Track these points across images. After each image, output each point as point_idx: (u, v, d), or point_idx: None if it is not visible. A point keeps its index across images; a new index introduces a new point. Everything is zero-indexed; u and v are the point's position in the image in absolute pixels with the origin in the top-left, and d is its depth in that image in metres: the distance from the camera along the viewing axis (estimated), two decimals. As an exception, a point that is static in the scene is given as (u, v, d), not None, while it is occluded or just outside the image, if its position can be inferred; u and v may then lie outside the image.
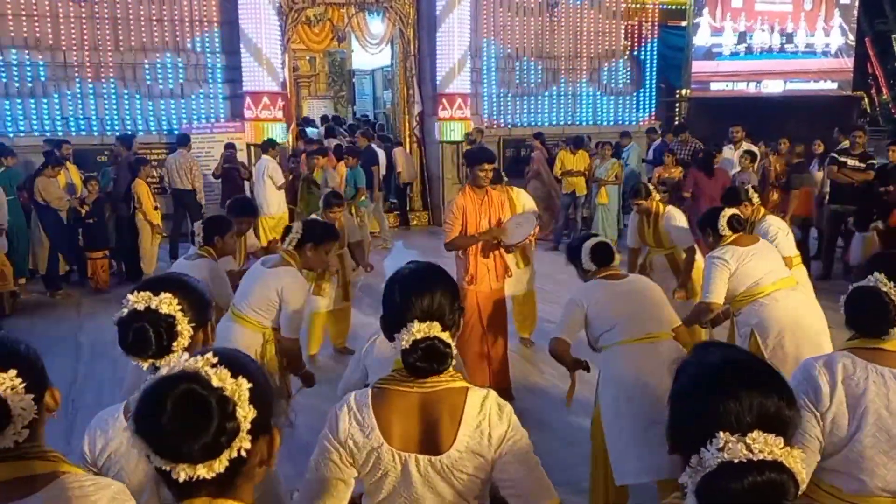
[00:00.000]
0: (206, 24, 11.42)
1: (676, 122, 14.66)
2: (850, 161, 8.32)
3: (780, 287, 3.91)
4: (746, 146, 9.70)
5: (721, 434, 1.16)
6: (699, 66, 16.34)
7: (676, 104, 17.07)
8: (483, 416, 1.77)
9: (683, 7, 16.20)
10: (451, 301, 1.84)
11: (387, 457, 1.77)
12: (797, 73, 17.01)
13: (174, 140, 10.69)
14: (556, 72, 13.45)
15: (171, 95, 11.38)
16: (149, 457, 1.07)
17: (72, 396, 5.33)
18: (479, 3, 12.60)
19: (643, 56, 14.41)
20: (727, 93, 16.72)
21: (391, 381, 1.82)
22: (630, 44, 14.19)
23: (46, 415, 1.49)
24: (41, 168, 8.22)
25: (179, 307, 1.82)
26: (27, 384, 1.41)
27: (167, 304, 1.81)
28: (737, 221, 4.04)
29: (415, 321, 1.75)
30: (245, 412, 1.09)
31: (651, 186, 5.90)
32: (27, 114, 10.75)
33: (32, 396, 1.42)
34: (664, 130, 13.14)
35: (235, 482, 1.12)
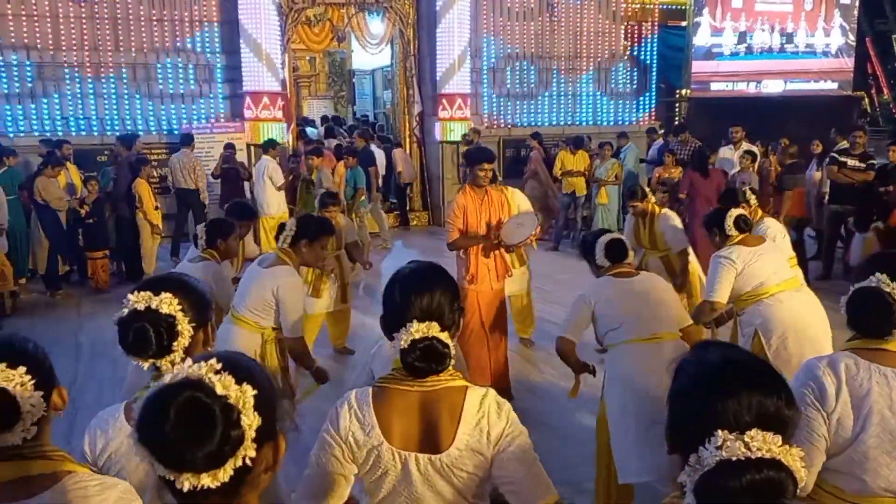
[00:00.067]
0: (207, 24, 11.42)
1: (676, 122, 14.64)
2: (851, 161, 8.32)
3: (785, 288, 3.92)
4: (746, 146, 9.69)
5: (719, 432, 1.16)
6: (699, 66, 16.33)
7: (676, 104, 17.06)
8: (482, 414, 1.78)
9: (683, 7, 16.19)
10: (451, 301, 1.84)
11: (387, 455, 1.77)
12: (797, 73, 17.00)
13: (175, 140, 10.71)
14: (556, 72, 13.45)
15: (171, 95, 11.38)
16: (152, 465, 1.05)
17: (72, 396, 5.20)
18: (479, 3, 12.60)
19: (643, 56, 14.41)
20: (727, 93, 16.71)
21: (391, 380, 1.82)
22: (630, 44, 14.18)
23: (53, 413, 1.50)
24: (41, 168, 8.23)
25: (180, 307, 1.82)
26: (36, 382, 1.43)
27: (167, 304, 1.81)
28: (743, 222, 4.05)
29: (413, 321, 1.76)
30: (250, 420, 1.07)
31: (647, 188, 5.91)
32: (27, 114, 10.75)
33: (41, 394, 1.43)
34: (666, 131, 13.15)
35: (240, 491, 1.10)
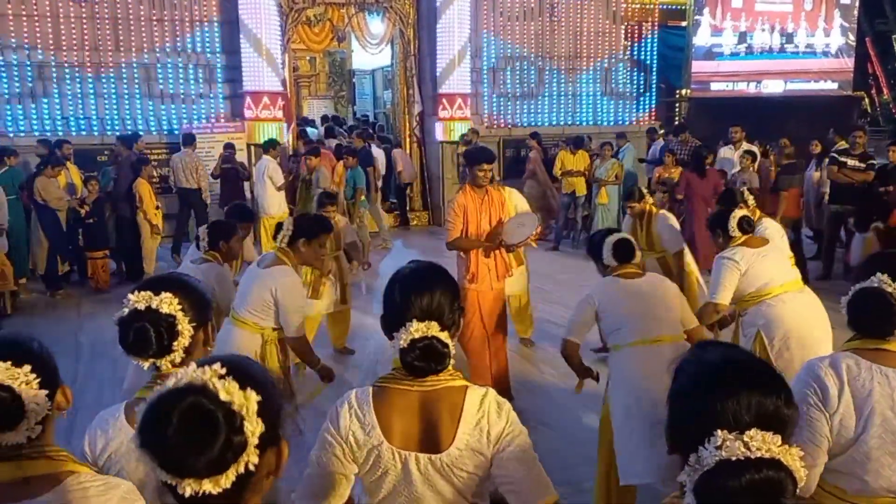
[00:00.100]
0: (207, 24, 11.42)
1: (676, 122, 14.66)
2: (851, 161, 8.32)
3: (788, 289, 3.93)
4: (746, 146, 9.70)
5: (719, 432, 1.16)
6: (699, 66, 16.34)
7: (676, 104, 17.07)
8: (482, 414, 1.78)
9: (683, 7, 16.20)
10: (451, 301, 1.84)
11: (387, 455, 1.77)
12: (797, 74, 17.01)
13: (174, 140, 10.71)
14: (556, 72, 13.45)
15: (172, 95, 11.38)
16: (154, 470, 1.05)
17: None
18: (479, 3, 12.60)
19: (643, 56, 14.41)
20: (727, 93, 16.71)
21: (391, 380, 1.82)
22: (630, 44, 14.18)
23: (56, 413, 1.50)
24: (41, 167, 8.23)
25: (180, 307, 1.82)
26: (40, 381, 1.43)
27: (168, 304, 1.81)
28: (747, 223, 4.06)
29: (413, 320, 1.76)
30: (253, 427, 1.06)
31: (645, 189, 5.91)
32: (27, 114, 10.75)
33: (46, 393, 1.43)
34: (666, 131, 13.14)
35: (243, 496, 1.10)
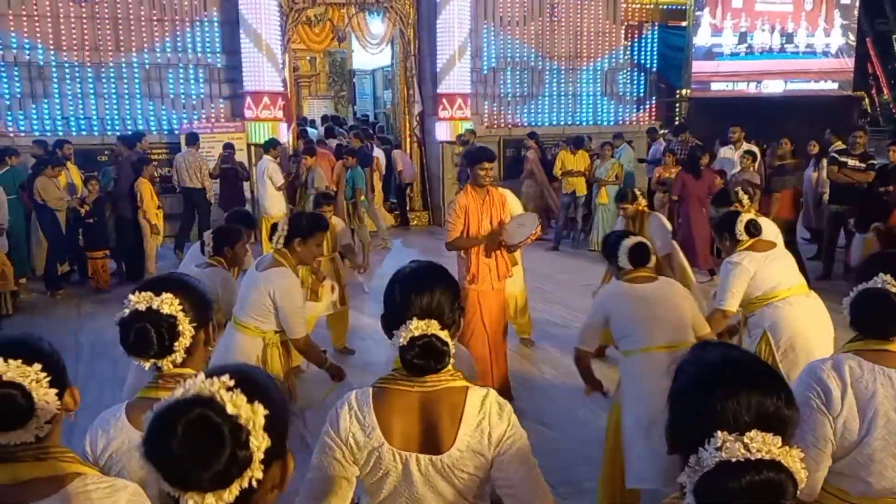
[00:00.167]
0: (207, 24, 11.42)
1: (676, 122, 14.65)
2: (851, 161, 8.31)
3: (796, 292, 3.94)
4: (746, 146, 9.70)
5: (719, 433, 1.16)
6: (699, 66, 16.32)
7: (676, 104, 17.05)
8: (483, 415, 1.77)
9: (683, 7, 16.18)
10: (452, 300, 1.84)
11: (387, 456, 1.77)
12: (798, 74, 16.99)
13: (175, 140, 10.71)
14: (556, 72, 13.45)
15: (172, 95, 11.38)
16: (158, 482, 1.04)
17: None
18: (479, 2, 12.59)
19: (643, 56, 14.40)
20: (727, 93, 16.70)
21: (391, 381, 1.82)
22: (630, 44, 14.18)
23: (64, 414, 1.50)
24: (41, 167, 8.23)
25: (181, 307, 1.82)
26: (50, 380, 1.43)
27: (169, 305, 1.81)
28: (754, 226, 4.06)
29: (413, 319, 1.76)
30: (259, 442, 1.05)
31: (637, 191, 5.91)
32: (27, 114, 10.75)
33: (55, 391, 1.44)
34: (667, 131, 13.13)
35: None
